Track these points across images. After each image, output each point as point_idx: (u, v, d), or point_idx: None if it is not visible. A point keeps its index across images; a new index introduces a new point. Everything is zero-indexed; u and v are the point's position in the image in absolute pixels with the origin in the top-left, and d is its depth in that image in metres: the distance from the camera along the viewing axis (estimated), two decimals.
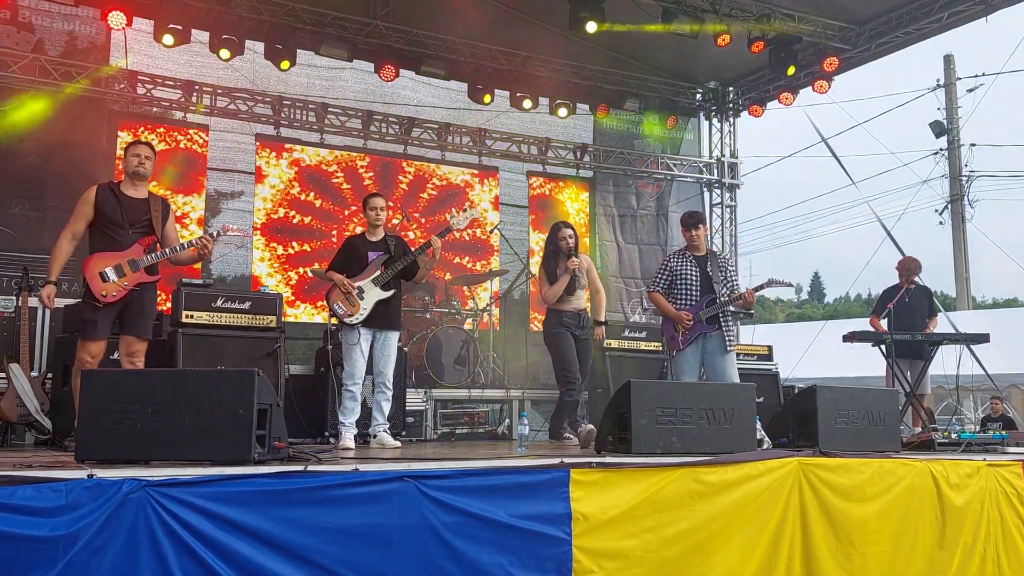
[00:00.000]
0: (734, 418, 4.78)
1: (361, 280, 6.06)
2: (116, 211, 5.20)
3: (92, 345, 5.11)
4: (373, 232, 6.24)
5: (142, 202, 5.33)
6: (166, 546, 3.19)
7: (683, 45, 10.07)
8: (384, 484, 3.62)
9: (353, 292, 5.99)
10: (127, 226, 5.21)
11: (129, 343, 5.21)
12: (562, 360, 6.66)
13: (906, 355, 7.69)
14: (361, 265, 6.11)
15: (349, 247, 6.27)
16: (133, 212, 5.25)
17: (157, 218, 5.32)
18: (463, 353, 8.71)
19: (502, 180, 11.86)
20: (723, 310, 6.41)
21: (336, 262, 6.22)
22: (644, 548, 4.11)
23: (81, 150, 9.24)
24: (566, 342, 6.66)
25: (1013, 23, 10.91)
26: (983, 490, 5.30)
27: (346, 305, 6.00)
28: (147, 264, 5.23)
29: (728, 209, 12.57)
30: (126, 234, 5.21)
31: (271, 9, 9.44)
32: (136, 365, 5.18)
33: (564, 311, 6.71)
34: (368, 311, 6.00)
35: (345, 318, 5.99)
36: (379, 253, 6.15)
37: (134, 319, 5.21)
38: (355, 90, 10.80)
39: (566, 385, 6.64)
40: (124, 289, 5.13)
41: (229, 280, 10.20)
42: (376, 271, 6.09)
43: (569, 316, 6.71)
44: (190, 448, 3.61)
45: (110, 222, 5.18)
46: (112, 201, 5.22)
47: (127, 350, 5.21)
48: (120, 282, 5.12)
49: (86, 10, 9.23)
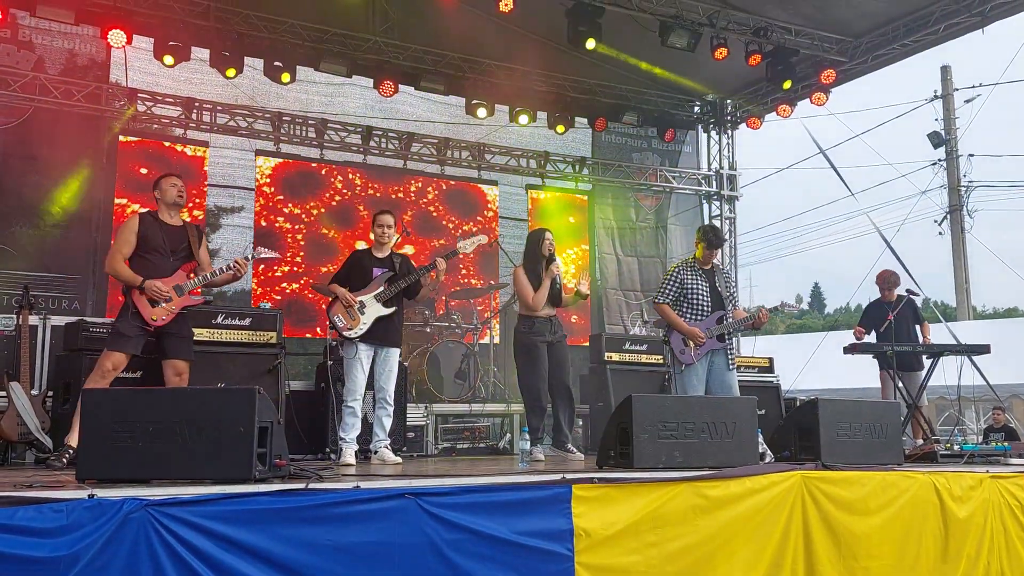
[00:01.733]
0: (736, 432, 4.78)
1: (363, 295, 6.05)
2: (159, 239, 5.42)
3: (119, 356, 5.27)
4: (380, 248, 6.25)
5: (180, 229, 5.57)
6: (167, 566, 3.18)
7: (681, 58, 10.11)
8: (385, 501, 3.61)
9: (354, 306, 5.98)
10: (169, 253, 5.45)
11: (177, 366, 5.45)
12: (530, 378, 6.56)
13: (900, 367, 7.69)
14: (365, 280, 6.10)
15: (354, 261, 6.26)
16: (174, 240, 5.50)
17: (195, 244, 5.56)
18: (463, 367, 8.69)
19: (501, 194, 11.88)
20: (731, 330, 6.38)
21: (340, 275, 6.22)
22: (647, 564, 4.09)
23: (81, 168, 9.26)
24: (539, 359, 6.54)
25: (1010, 34, 10.97)
26: (986, 502, 5.28)
27: (346, 318, 5.99)
28: (191, 288, 5.45)
29: (727, 221, 12.59)
30: (168, 261, 5.43)
31: (270, 26, 9.49)
32: (184, 383, 5.43)
33: (537, 317, 6.62)
34: (368, 326, 5.99)
35: (344, 331, 5.97)
36: (384, 270, 6.15)
37: (178, 344, 5.47)
38: (354, 105, 10.85)
39: (530, 398, 6.54)
40: (172, 313, 5.37)
41: (229, 296, 10.20)
42: (379, 287, 6.08)
43: (541, 322, 6.62)
44: (191, 467, 3.60)
45: (153, 250, 5.39)
46: (155, 230, 5.43)
47: (175, 371, 5.44)
48: (168, 307, 5.34)
49: (86, 28, 9.28)
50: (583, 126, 11.73)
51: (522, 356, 6.68)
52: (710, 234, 6.59)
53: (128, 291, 5.33)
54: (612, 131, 12.18)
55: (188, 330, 5.60)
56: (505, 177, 11.86)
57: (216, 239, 10.20)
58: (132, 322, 5.27)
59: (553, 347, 6.65)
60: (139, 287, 5.25)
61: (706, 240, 6.52)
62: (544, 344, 6.61)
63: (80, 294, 9.14)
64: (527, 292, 6.64)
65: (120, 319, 5.36)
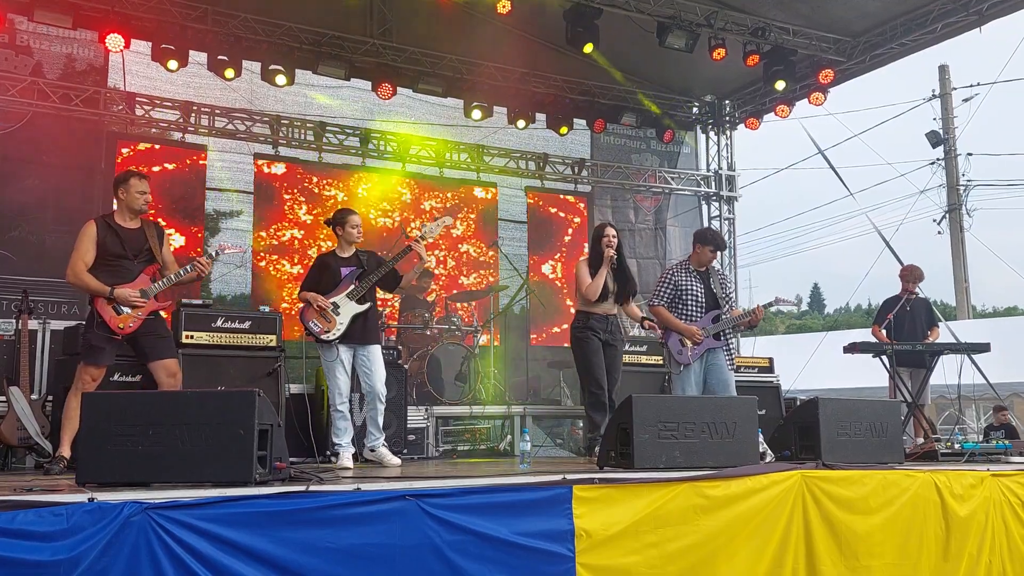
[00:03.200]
0: (736, 431, 4.77)
1: (335, 296, 5.96)
2: (118, 245, 5.21)
3: (95, 370, 5.17)
4: (345, 248, 6.14)
5: (138, 231, 5.34)
6: (168, 569, 3.17)
7: (679, 59, 10.13)
8: (386, 503, 3.60)
9: (328, 308, 5.89)
10: (131, 257, 5.25)
11: (168, 367, 5.30)
12: (586, 365, 6.27)
13: (907, 364, 7.70)
14: (335, 282, 6.01)
15: (321, 265, 6.16)
16: (134, 243, 5.29)
17: (155, 244, 5.36)
18: (464, 369, 8.68)
19: (501, 196, 11.88)
20: (726, 328, 6.40)
21: (309, 281, 6.11)
22: (648, 564, 4.09)
23: (80, 172, 9.27)
24: (592, 347, 6.28)
25: (1007, 33, 10.98)
26: (987, 500, 5.28)
27: (321, 322, 5.89)
28: (155, 292, 5.28)
29: (727, 222, 12.60)
30: (132, 264, 5.25)
31: (268, 29, 9.50)
32: (178, 382, 5.32)
33: (592, 313, 6.36)
34: (345, 326, 5.91)
35: (321, 335, 5.89)
36: (352, 268, 6.06)
37: (160, 345, 5.31)
38: (353, 108, 10.85)
39: (589, 392, 6.25)
40: (139, 320, 5.19)
41: (229, 300, 10.21)
42: (350, 285, 5.99)
43: (597, 319, 6.35)
44: (191, 470, 3.60)
45: (114, 256, 5.19)
46: (112, 237, 5.22)
47: (167, 372, 5.29)
48: (135, 313, 5.18)
49: (84, 33, 9.27)
50: (582, 128, 11.73)
51: (576, 350, 6.39)
52: (718, 238, 6.64)
53: (92, 300, 5.15)
54: (611, 132, 12.19)
55: (165, 329, 5.46)
56: (504, 179, 11.86)
57: (213, 244, 10.18)
58: (99, 332, 5.11)
59: (607, 347, 6.37)
60: (108, 296, 5.09)
61: (714, 243, 6.52)
62: (597, 339, 6.31)
63: (79, 299, 9.12)
64: (583, 279, 6.36)
65: (87, 330, 5.18)
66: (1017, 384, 12.81)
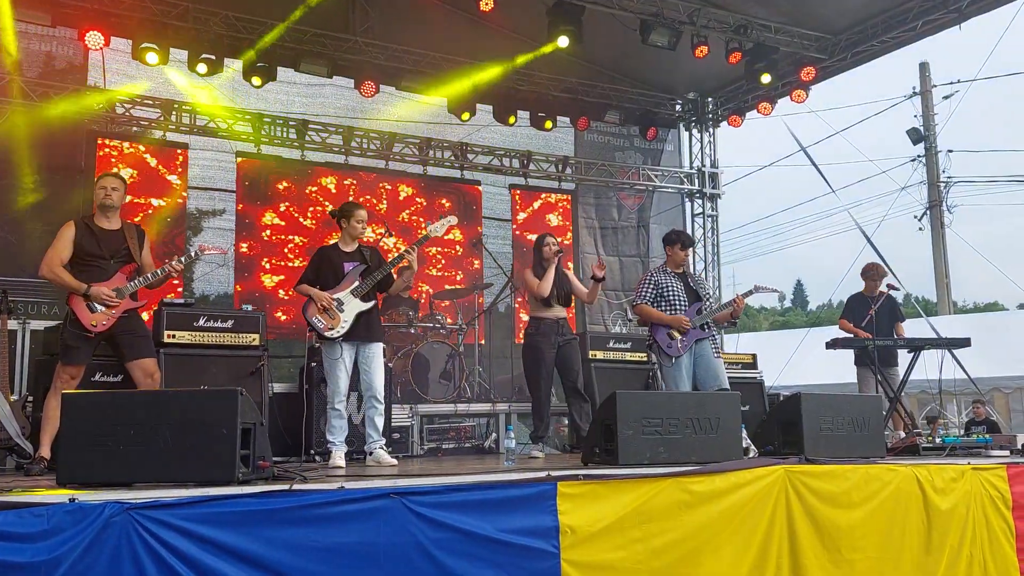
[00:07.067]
0: (720, 427, 4.80)
1: (339, 292, 5.80)
2: (95, 246, 5.26)
3: (73, 368, 5.17)
4: (348, 243, 6.00)
5: (117, 232, 5.38)
6: (150, 569, 3.15)
7: (662, 57, 10.15)
8: (370, 501, 3.60)
9: (332, 305, 5.74)
10: (108, 257, 5.28)
11: (145, 366, 5.30)
12: (532, 379, 6.78)
13: (880, 362, 7.76)
14: (337, 277, 5.85)
15: (322, 258, 5.99)
16: (111, 243, 5.31)
17: (134, 245, 5.38)
18: (448, 367, 8.67)
19: (484, 194, 11.87)
20: (709, 320, 6.52)
21: (308, 275, 5.95)
22: (633, 559, 4.10)
23: (59, 171, 9.18)
24: (542, 361, 6.71)
25: (987, 30, 11.07)
26: (968, 494, 5.33)
27: (326, 318, 5.72)
28: (131, 291, 5.29)
29: (710, 219, 12.64)
30: (108, 263, 5.28)
31: (250, 27, 9.44)
32: (156, 382, 5.31)
33: (544, 318, 6.77)
34: (349, 324, 5.74)
35: (326, 332, 5.72)
36: (355, 264, 5.90)
37: (135, 344, 5.31)
38: (335, 106, 10.80)
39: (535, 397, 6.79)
40: (112, 318, 5.20)
41: (212, 299, 10.14)
42: (354, 282, 5.82)
43: (548, 324, 6.75)
44: (173, 469, 3.57)
45: (90, 255, 5.23)
46: (89, 237, 5.26)
47: (144, 371, 5.29)
48: (108, 312, 5.18)
49: (63, 30, 9.19)
50: (565, 125, 11.73)
51: (526, 356, 6.86)
52: (683, 236, 6.96)
53: (68, 299, 5.17)
54: (594, 130, 12.19)
55: (144, 328, 5.45)
56: (488, 177, 11.84)
57: (194, 244, 10.11)
58: (72, 330, 5.13)
59: (561, 349, 6.77)
60: (84, 293, 5.09)
61: (680, 241, 6.80)
62: (550, 347, 6.72)
63: (59, 298, 9.02)
64: (532, 282, 6.76)
65: (64, 329, 5.20)
66: (998, 379, 12.93)
